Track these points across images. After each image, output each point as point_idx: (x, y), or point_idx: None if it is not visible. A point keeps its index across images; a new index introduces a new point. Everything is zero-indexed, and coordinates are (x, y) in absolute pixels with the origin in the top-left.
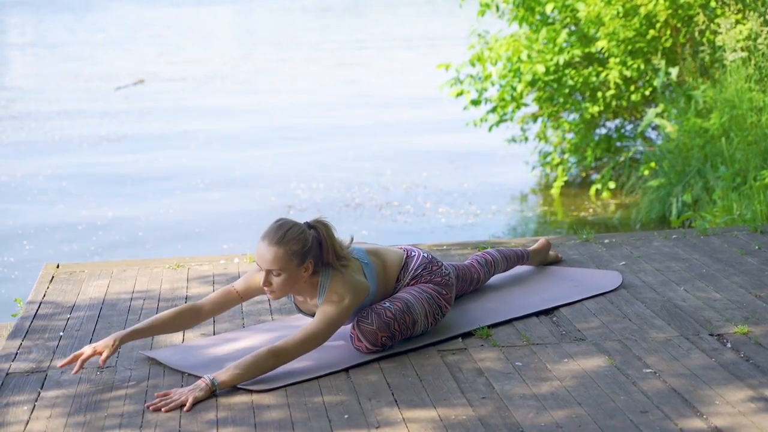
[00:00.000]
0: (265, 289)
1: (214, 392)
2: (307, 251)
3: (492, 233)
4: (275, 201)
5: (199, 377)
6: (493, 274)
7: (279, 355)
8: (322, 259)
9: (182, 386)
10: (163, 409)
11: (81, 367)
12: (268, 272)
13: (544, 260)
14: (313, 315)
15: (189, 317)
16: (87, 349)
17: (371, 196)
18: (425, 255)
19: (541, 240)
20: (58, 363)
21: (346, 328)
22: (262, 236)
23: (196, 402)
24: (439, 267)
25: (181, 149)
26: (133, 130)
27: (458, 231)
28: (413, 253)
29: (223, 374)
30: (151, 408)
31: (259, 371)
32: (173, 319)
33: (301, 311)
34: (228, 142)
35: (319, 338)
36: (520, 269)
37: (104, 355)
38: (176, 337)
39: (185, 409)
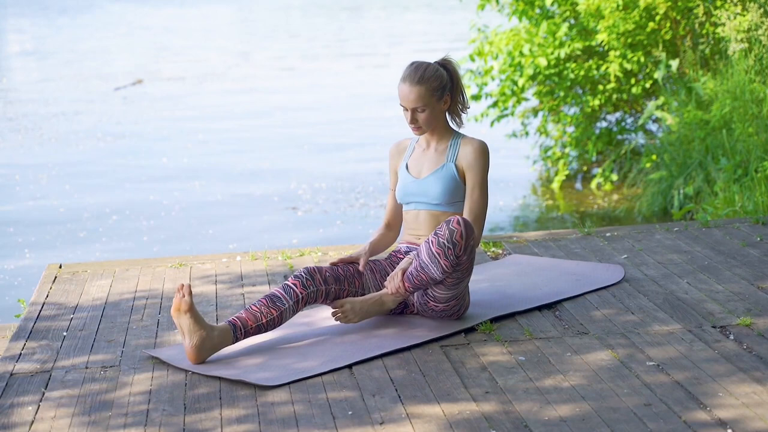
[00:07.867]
0: (412, 126)
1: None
2: (444, 86)
3: (501, 228)
4: (277, 202)
5: (204, 376)
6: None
7: (475, 221)
8: (455, 92)
9: (186, 384)
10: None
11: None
12: (414, 110)
13: None
14: (417, 176)
15: (389, 232)
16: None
17: (375, 196)
18: None
19: None
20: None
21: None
22: (403, 78)
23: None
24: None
25: (180, 149)
26: (132, 130)
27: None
28: None
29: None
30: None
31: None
32: (384, 237)
33: (408, 172)
34: (227, 141)
35: (484, 191)
36: (521, 264)
37: (362, 262)
38: (180, 337)
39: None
